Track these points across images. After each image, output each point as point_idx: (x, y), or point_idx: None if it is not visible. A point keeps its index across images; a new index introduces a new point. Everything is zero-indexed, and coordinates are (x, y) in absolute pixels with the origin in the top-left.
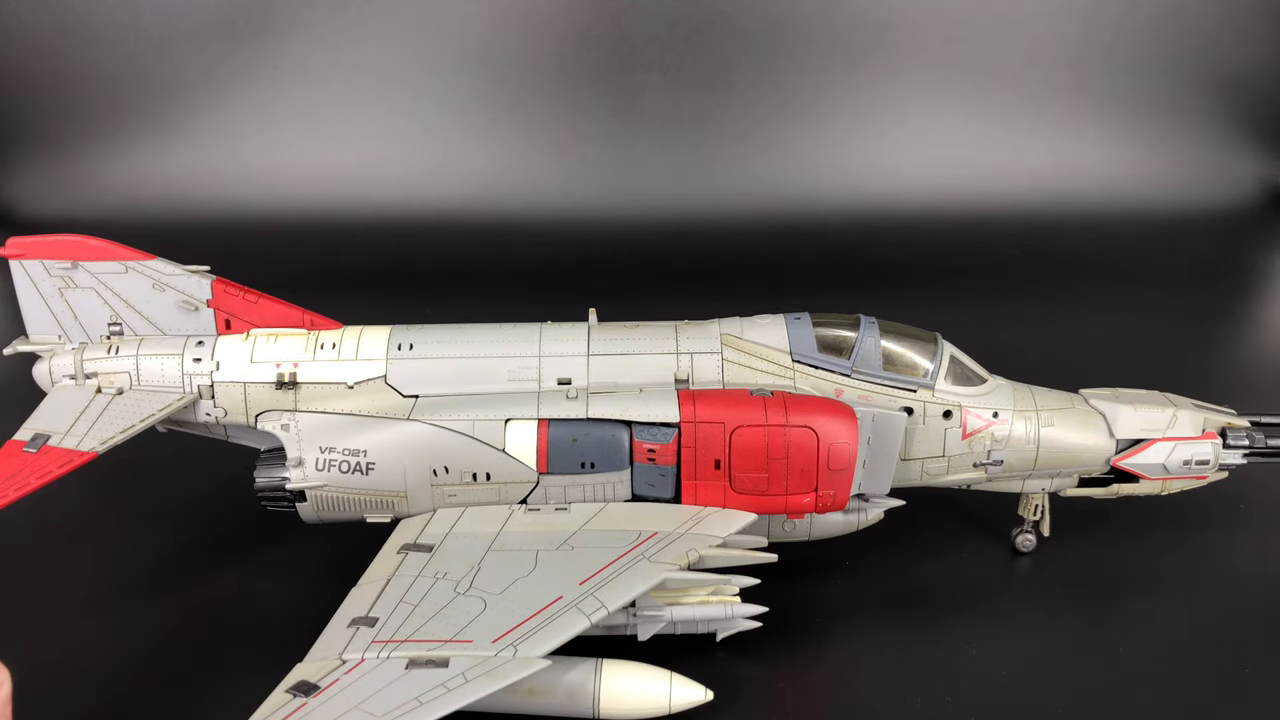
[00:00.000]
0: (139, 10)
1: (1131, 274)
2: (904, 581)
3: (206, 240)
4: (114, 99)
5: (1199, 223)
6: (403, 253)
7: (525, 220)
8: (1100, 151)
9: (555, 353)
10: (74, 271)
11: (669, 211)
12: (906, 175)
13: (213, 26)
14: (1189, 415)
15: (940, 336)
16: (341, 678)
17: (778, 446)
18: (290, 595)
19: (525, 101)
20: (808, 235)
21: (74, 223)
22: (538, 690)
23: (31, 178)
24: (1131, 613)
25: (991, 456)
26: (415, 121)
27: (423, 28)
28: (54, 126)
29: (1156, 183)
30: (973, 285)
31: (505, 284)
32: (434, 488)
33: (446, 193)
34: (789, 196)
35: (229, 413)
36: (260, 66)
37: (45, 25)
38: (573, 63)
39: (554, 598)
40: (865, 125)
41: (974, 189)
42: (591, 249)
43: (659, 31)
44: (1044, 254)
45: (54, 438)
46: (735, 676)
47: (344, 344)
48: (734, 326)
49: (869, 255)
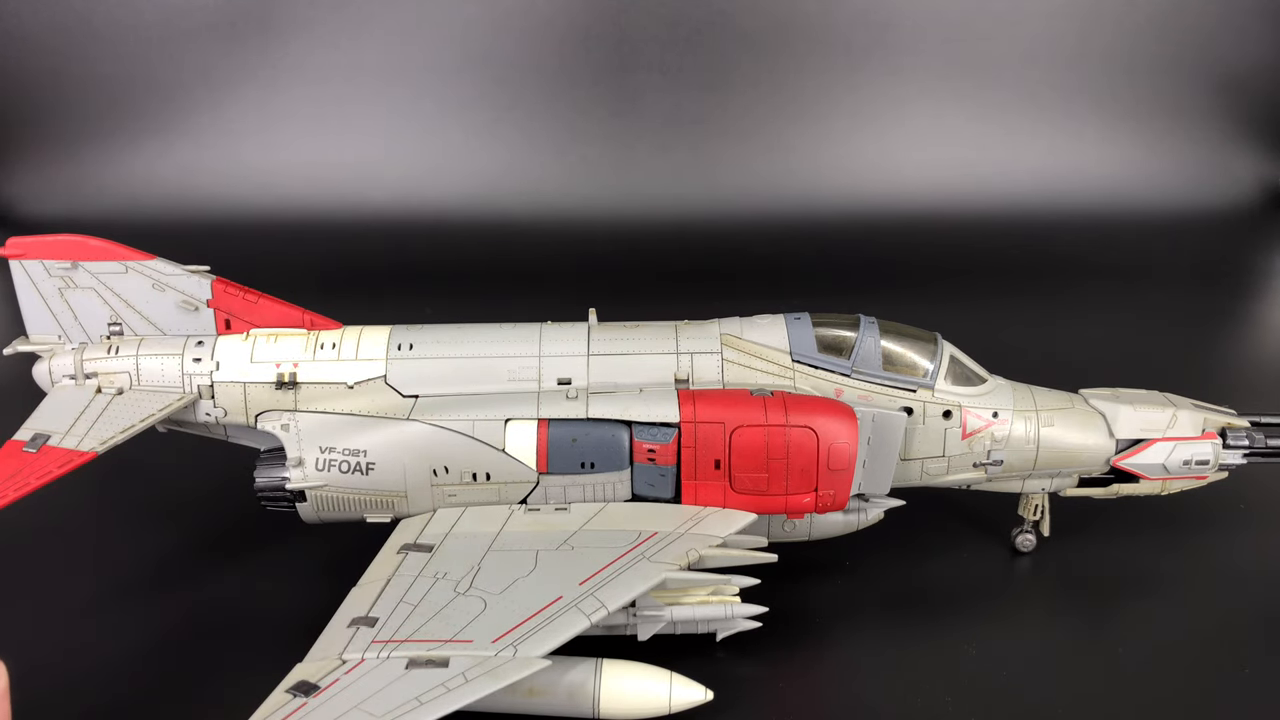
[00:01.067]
0: (139, 10)
1: (1131, 274)
2: (904, 581)
3: (206, 240)
4: (114, 99)
5: (1199, 223)
6: (402, 253)
7: (525, 220)
8: (1100, 151)
9: (555, 353)
10: (74, 271)
11: (669, 211)
12: (906, 175)
13: (213, 26)
14: (1189, 415)
15: (940, 336)
16: (341, 678)
17: (778, 446)
18: (289, 595)
19: (525, 101)
20: (808, 235)
21: (74, 223)
22: (538, 690)
23: (31, 178)
24: (1132, 612)
25: (991, 456)
26: (415, 121)
27: (423, 27)
28: (54, 126)
29: (1156, 183)
30: (972, 285)
31: (505, 284)
32: (434, 488)
33: (446, 193)
34: (789, 196)
35: (229, 413)
36: (260, 66)
37: (45, 25)
38: (573, 63)
39: (554, 598)
40: (865, 125)
41: (974, 189)
42: (591, 249)
43: (659, 31)
44: (1044, 254)
45: (54, 438)
46: (735, 676)
47: (344, 344)
48: (734, 326)
49: (869, 255)
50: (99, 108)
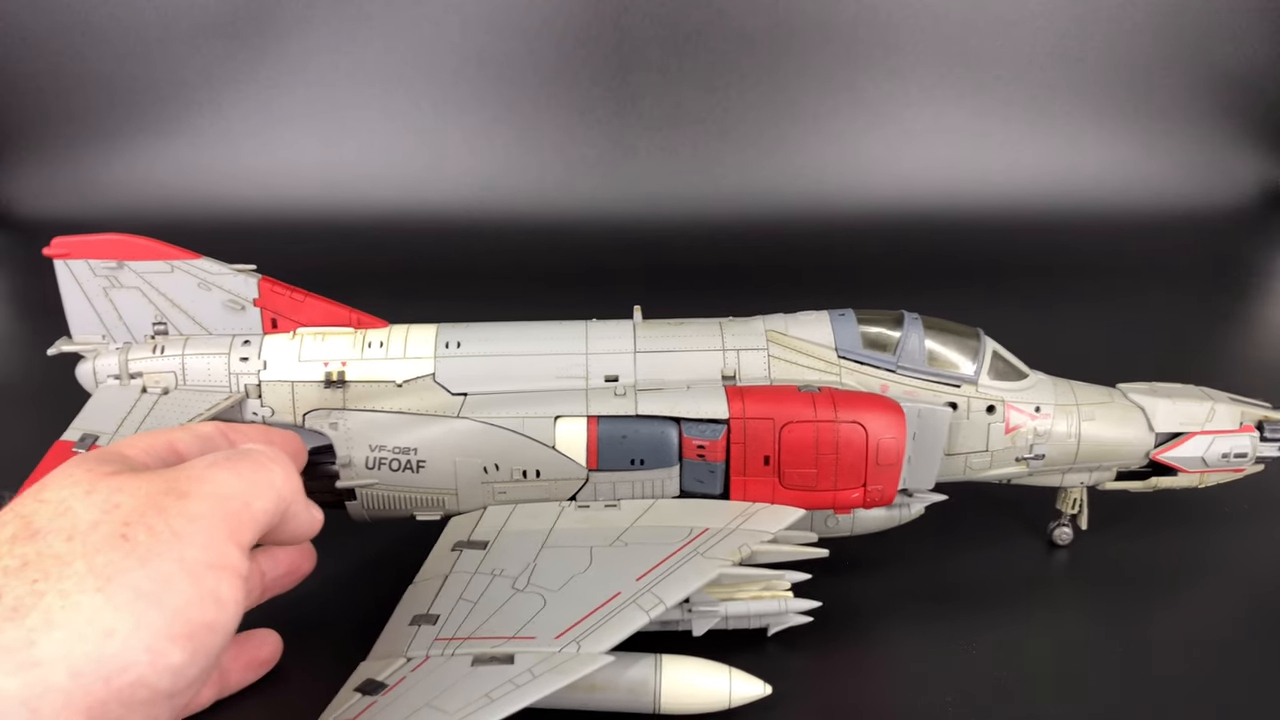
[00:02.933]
0: (139, 10)
1: (1131, 274)
2: (944, 575)
3: (206, 240)
4: (114, 99)
5: (1199, 223)
6: (403, 253)
7: (525, 220)
8: (1100, 151)
9: (602, 350)
10: (119, 271)
11: (669, 211)
12: (905, 175)
13: (213, 26)
14: (1226, 409)
15: (982, 332)
16: (408, 675)
17: (827, 442)
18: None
19: (525, 101)
20: (807, 235)
21: (74, 223)
22: (599, 686)
23: (31, 178)
24: (1171, 607)
25: (1034, 451)
26: (414, 121)
27: (423, 27)
28: (54, 126)
29: (1156, 183)
30: (972, 285)
31: (506, 284)
32: (484, 485)
33: (446, 193)
34: (789, 196)
35: (276, 412)
36: (260, 66)
37: (45, 25)
38: (573, 63)
39: (612, 594)
40: (865, 125)
41: (973, 189)
42: (592, 249)
43: (659, 31)
44: (1044, 254)
45: (102, 438)
46: (786, 670)
47: (391, 342)
48: (778, 323)
49: (868, 254)
50: (99, 108)
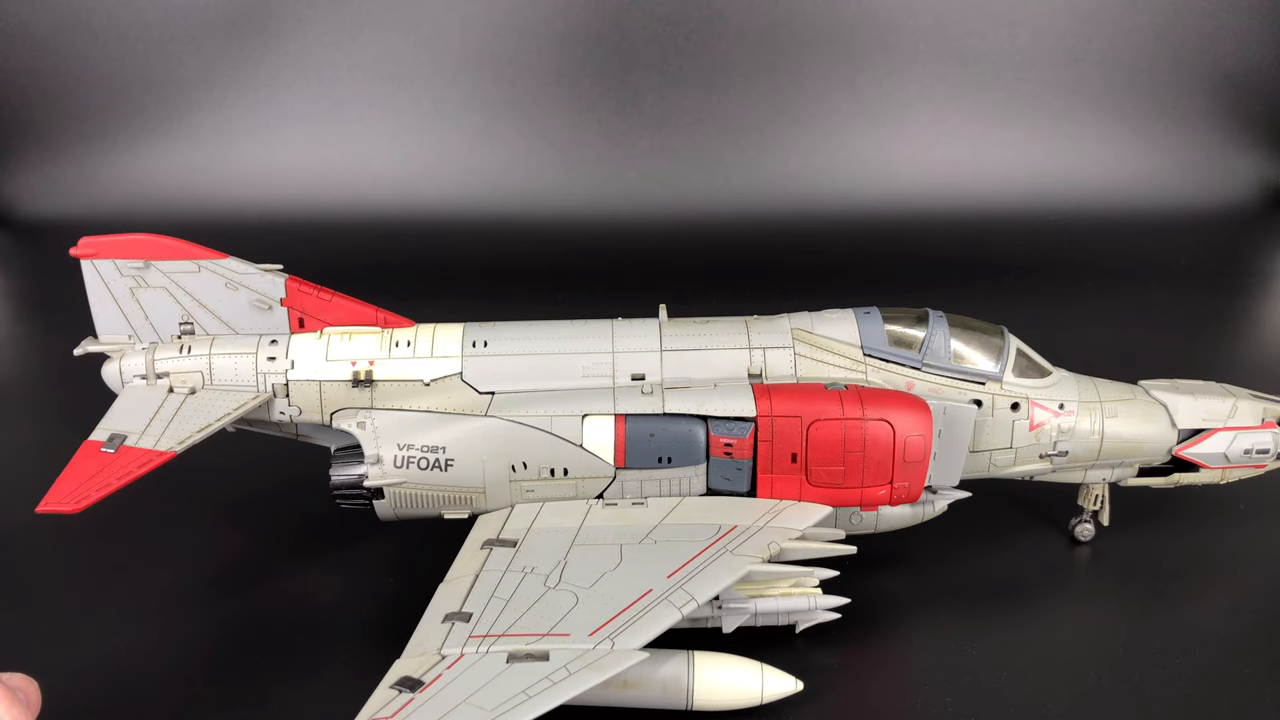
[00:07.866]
0: (139, 10)
1: (1131, 274)
2: (967, 571)
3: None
4: (114, 99)
5: (1199, 223)
6: (403, 253)
7: (525, 220)
8: (1100, 151)
9: (629, 348)
10: (146, 271)
11: (669, 211)
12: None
13: (213, 26)
14: (1249, 405)
15: (1006, 330)
16: (444, 673)
17: (854, 440)
18: (348, 592)
19: (524, 101)
20: (807, 234)
21: (73, 222)
22: (632, 682)
23: (31, 178)
24: (1192, 604)
25: (1057, 448)
26: (414, 121)
27: (423, 27)
28: (54, 126)
29: (1156, 183)
30: (972, 284)
31: (506, 283)
32: (512, 483)
33: (446, 193)
34: (789, 196)
35: (304, 411)
36: (260, 66)
37: (45, 25)
38: (573, 63)
39: (644, 591)
40: (864, 124)
41: (973, 189)
42: (591, 249)
43: (659, 31)
44: (1043, 254)
45: (130, 438)
46: (815, 666)
47: (419, 341)
48: (804, 321)
49: (867, 253)
50: (99, 108)
